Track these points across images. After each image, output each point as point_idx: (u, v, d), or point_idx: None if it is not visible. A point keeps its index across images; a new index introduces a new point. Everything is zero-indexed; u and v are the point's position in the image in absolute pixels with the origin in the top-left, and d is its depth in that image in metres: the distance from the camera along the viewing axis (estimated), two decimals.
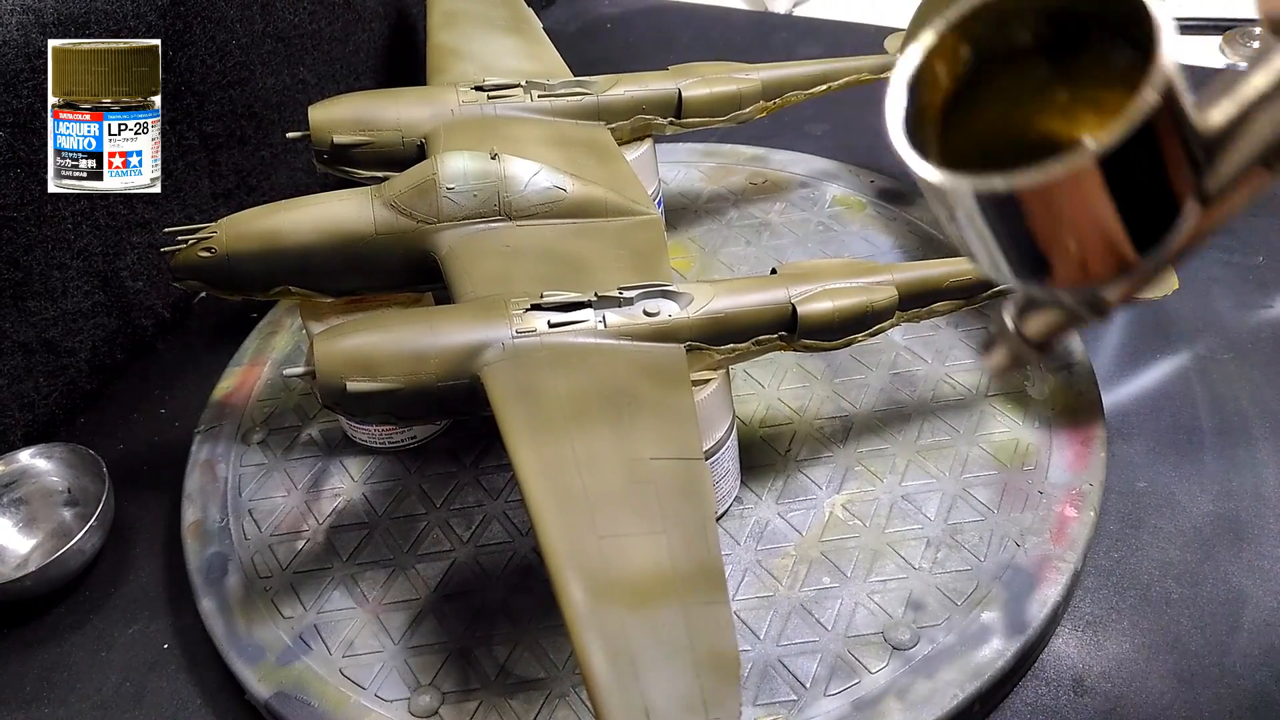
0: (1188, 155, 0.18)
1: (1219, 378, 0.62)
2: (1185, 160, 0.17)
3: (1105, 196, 0.17)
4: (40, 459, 0.62)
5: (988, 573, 0.50)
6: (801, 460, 0.57)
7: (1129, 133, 0.16)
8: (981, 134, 0.19)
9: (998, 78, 0.20)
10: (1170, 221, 0.18)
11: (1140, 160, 0.17)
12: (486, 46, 0.71)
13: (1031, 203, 0.17)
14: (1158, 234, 0.18)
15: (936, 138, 0.20)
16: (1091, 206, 0.17)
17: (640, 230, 0.55)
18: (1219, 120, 0.18)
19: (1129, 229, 0.18)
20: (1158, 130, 0.17)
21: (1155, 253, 0.18)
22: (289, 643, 0.51)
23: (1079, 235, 0.18)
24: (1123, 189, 0.17)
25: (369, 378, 0.45)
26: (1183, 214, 0.18)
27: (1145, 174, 0.17)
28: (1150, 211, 0.18)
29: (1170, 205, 0.18)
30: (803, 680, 0.47)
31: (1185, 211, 0.18)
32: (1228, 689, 0.47)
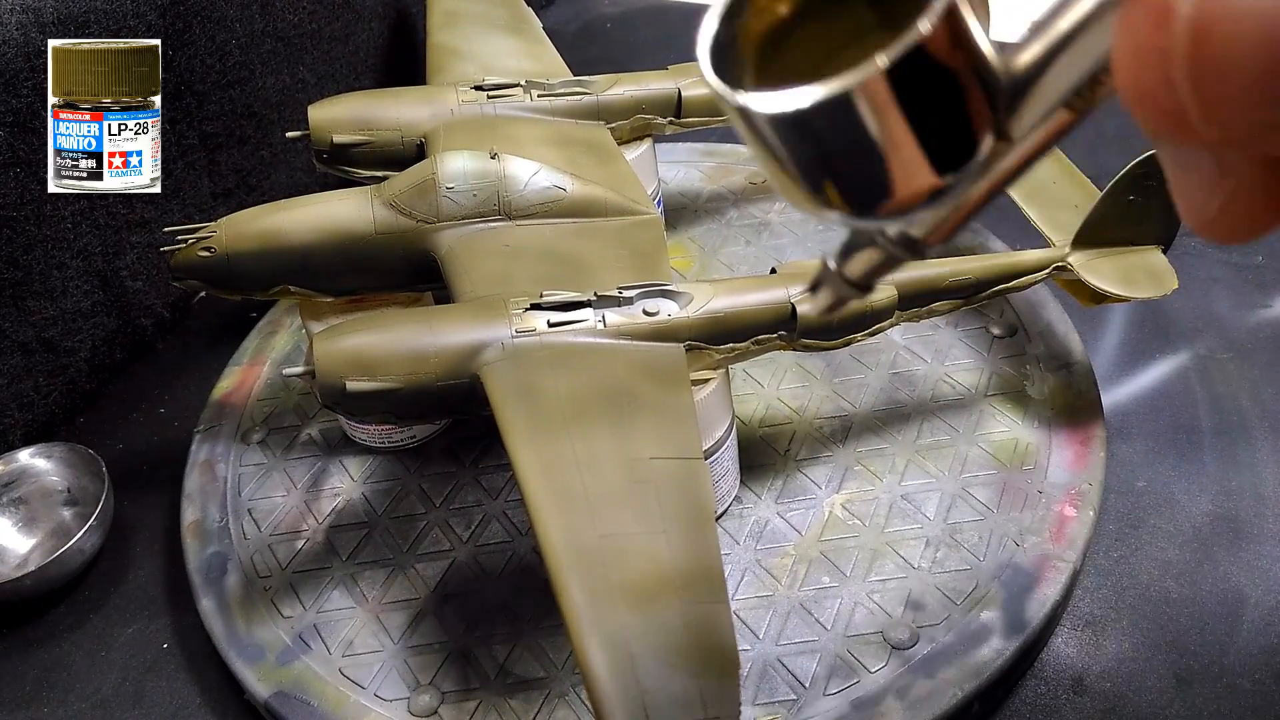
0: (983, 89, 0.18)
1: (1219, 377, 0.62)
2: (980, 93, 0.18)
3: (896, 114, 0.17)
4: (40, 458, 0.62)
5: (987, 572, 0.50)
6: (801, 460, 0.57)
7: (908, 49, 0.17)
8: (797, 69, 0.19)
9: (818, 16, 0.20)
10: (969, 150, 0.18)
11: (927, 84, 0.17)
12: (486, 46, 0.71)
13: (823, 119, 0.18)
14: (956, 161, 0.18)
15: (752, 67, 0.20)
16: (882, 123, 0.17)
17: (640, 230, 0.55)
18: (1025, 61, 0.18)
19: (924, 150, 0.18)
20: (937, 55, 0.17)
21: (957, 177, 0.19)
22: (288, 642, 0.51)
23: (875, 154, 0.18)
24: (913, 110, 0.17)
25: (368, 377, 0.45)
26: (980, 144, 0.18)
27: (934, 99, 0.18)
28: (946, 139, 0.18)
29: (966, 134, 0.18)
30: (802, 680, 0.47)
31: (982, 143, 0.18)
32: (1227, 688, 0.47)
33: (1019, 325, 0.63)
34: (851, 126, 0.18)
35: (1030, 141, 0.19)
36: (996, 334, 0.63)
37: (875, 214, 0.19)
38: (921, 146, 0.18)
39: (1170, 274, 0.56)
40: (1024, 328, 0.63)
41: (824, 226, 0.74)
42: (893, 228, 0.21)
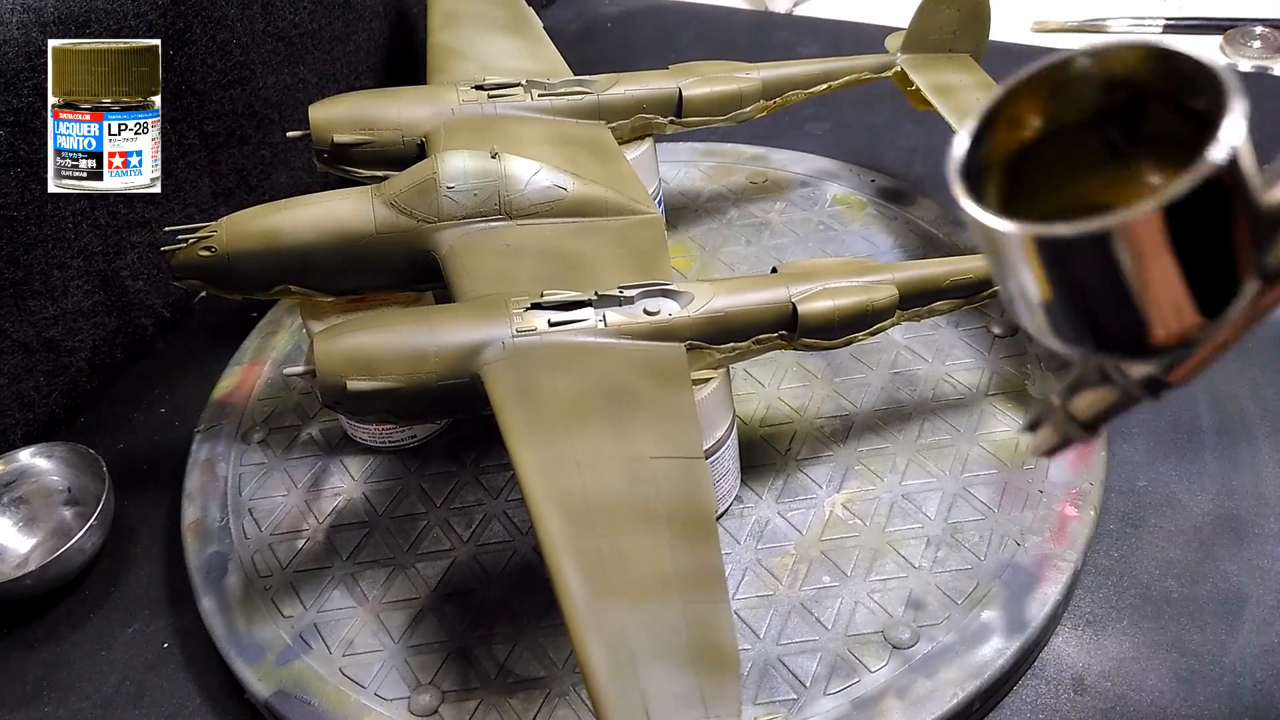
0: (1250, 225, 0.17)
1: (1219, 377, 0.62)
2: (1248, 229, 0.17)
3: (1167, 252, 0.16)
4: (40, 458, 0.62)
5: (988, 572, 0.50)
6: (802, 459, 0.57)
7: (1195, 186, 0.16)
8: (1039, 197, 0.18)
9: (1059, 145, 0.20)
10: (1232, 292, 0.17)
11: (1203, 220, 0.16)
12: (487, 46, 0.71)
13: (1091, 254, 0.17)
14: (1220, 303, 0.17)
15: (997, 192, 0.20)
16: (1152, 262, 0.17)
17: (640, 229, 0.55)
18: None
19: (1191, 291, 0.17)
20: (1222, 190, 0.16)
21: (1218, 322, 0.18)
22: (289, 642, 0.51)
23: (1139, 292, 0.17)
24: (1185, 248, 0.17)
25: (369, 377, 0.45)
26: (1243, 285, 0.18)
27: (1208, 236, 0.17)
28: (1212, 278, 0.17)
29: (1231, 274, 0.17)
30: (802, 679, 0.47)
31: (1246, 283, 0.18)
32: (1227, 688, 0.47)
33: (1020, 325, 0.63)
34: (1119, 261, 0.17)
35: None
36: (997, 333, 0.63)
37: (1125, 354, 0.19)
38: (1189, 288, 0.17)
39: None
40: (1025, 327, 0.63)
41: (823, 227, 0.74)
42: (1134, 369, 0.21)
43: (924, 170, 0.79)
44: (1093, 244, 0.17)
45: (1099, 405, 0.22)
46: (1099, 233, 0.16)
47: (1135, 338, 0.18)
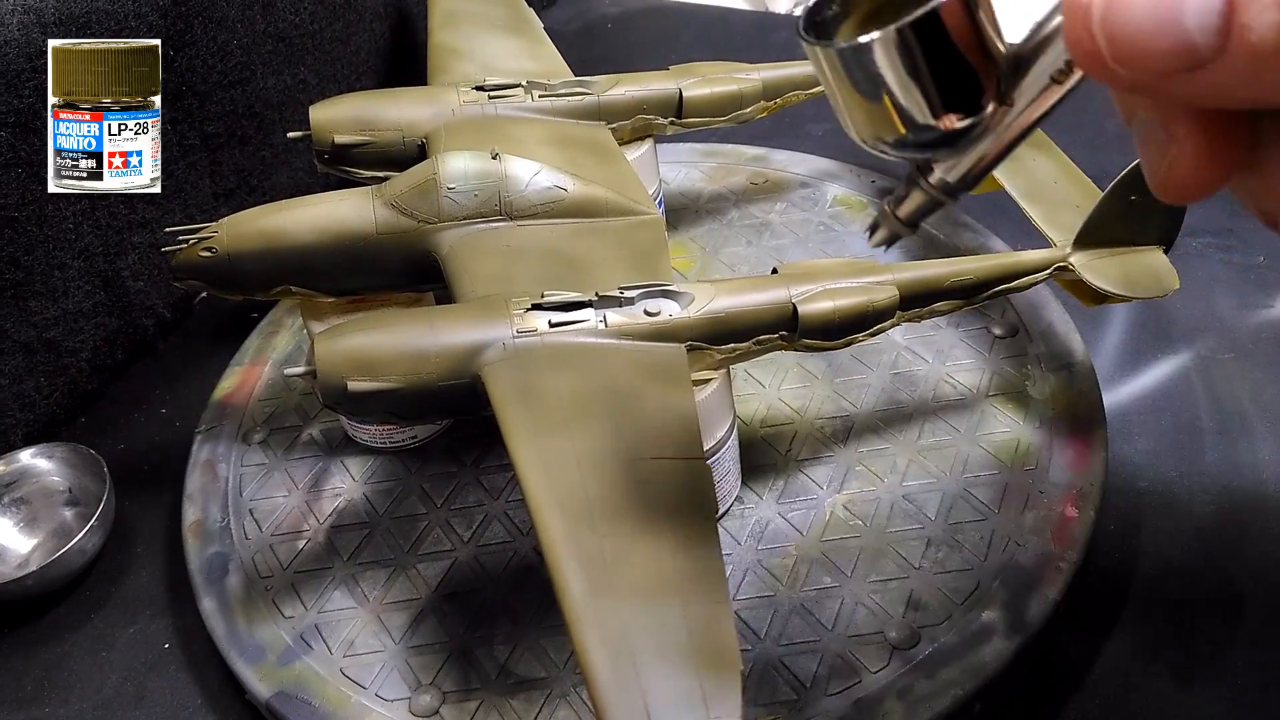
0: (985, 55, 0.24)
1: (1220, 378, 0.62)
2: (982, 58, 0.24)
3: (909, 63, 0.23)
4: (41, 459, 0.62)
5: (988, 572, 0.50)
6: (802, 460, 0.57)
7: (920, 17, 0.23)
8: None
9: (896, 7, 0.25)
10: (976, 100, 0.24)
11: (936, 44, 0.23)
12: (487, 46, 0.71)
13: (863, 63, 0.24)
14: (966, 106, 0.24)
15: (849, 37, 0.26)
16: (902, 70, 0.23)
17: (641, 230, 0.55)
18: (1020, 46, 0.24)
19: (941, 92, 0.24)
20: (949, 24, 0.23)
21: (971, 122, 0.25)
22: (290, 642, 0.51)
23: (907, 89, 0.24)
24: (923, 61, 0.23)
25: (370, 377, 0.45)
26: (984, 95, 0.24)
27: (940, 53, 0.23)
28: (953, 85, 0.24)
29: (974, 87, 0.24)
30: (803, 680, 0.47)
31: (987, 95, 0.24)
32: (1227, 689, 0.47)
33: (1020, 325, 0.63)
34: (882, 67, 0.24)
35: (1029, 107, 0.25)
36: (998, 334, 0.63)
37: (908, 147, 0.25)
38: (936, 90, 0.24)
39: (1171, 274, 0.56)
40: (1025, 328, 0.63)
41: (823, 227, 0.74)
42: (932, 176, 0.28)
43: None
44: (862, 53, 0.24)
45: (914, 206, 0.29)
46: (862, 44, 0.23)
47: (910, 129, 0.25)
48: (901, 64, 0.23)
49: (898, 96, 0.24)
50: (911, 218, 0.29)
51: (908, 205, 0.29)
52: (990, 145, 0.26)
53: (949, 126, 0.24)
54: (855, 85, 0.25)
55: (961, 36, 0.23)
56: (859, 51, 0.24)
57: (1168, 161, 0.22)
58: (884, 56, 0.23)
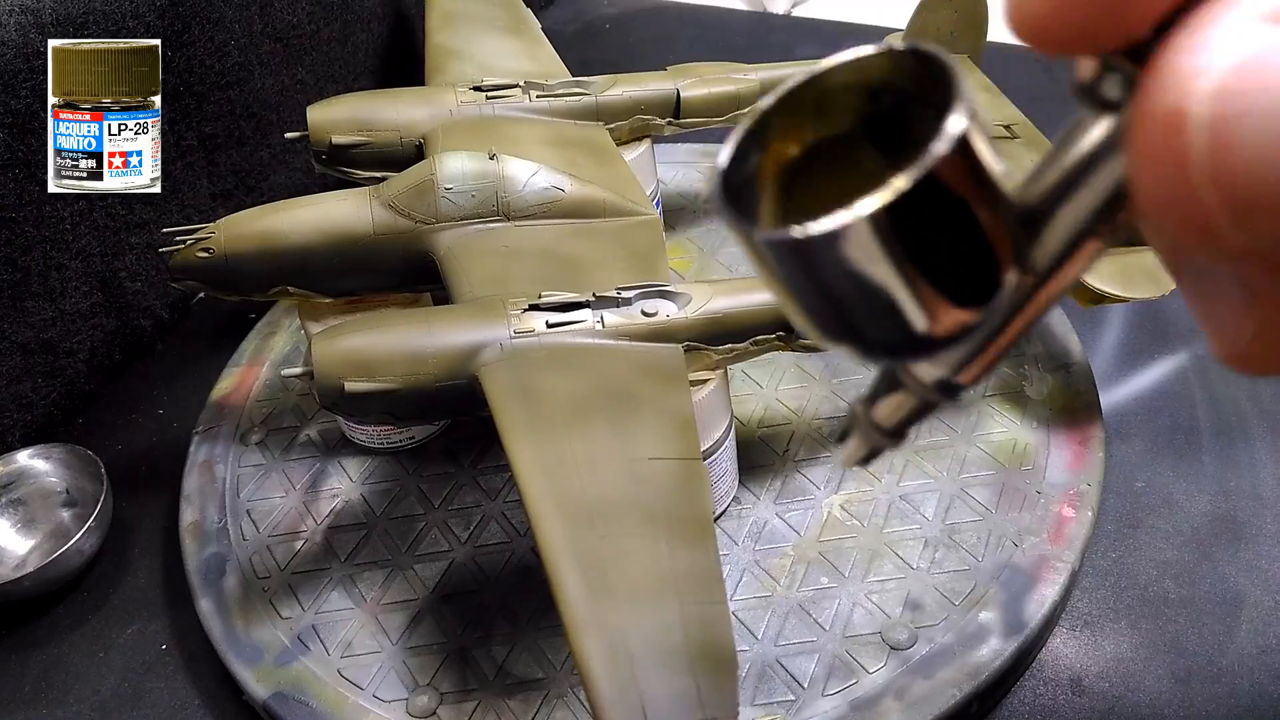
0: (997, 218, 0.17)
1: (1217, 378, 0.62)
2: (996, 222, 0.17)
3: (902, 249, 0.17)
4: (39, 459, 0.62)
5: (985, 573, 0.50)
6: (800, 460, 0.57)
7: (916, 180, 0.16)
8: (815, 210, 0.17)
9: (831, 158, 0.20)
10: (992, 284, 0.18)
11: (937, 215, 0.17)
12: (485, 47, 0.71)
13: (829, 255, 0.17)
14: (979, 296, 0.18)
15: (772, 207, 0.20)
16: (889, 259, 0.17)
17: (638, 231, 0.55)
18: (1040, 189, 0.18)
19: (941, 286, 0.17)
20: (951, 184, 0.16)
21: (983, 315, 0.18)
22: (287, 643, 0.51)
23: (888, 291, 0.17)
24: (922, 244, 0.17)
25: (367, 378, 0.45)
26: (1004, 278, 0.18)
27: (947, 230, 0.17)
28: (964, 272, 0.17)
29: (986, 267, 0.18)
30: (800, 680, 0.47)
31: (1007, 276, 0.18)
32: (1225, 688, 0.47)
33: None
34: (862, 262, 0.17)
35: (1059, 272, 0.18)
36: None
37: (898, 355, 0.19)
38: (937, 283, 0.17)
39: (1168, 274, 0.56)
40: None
41: None
42: (924, 372, 0.21)
43: None
44: (828, 244, 0.17)
45: (900, 411, 0.22)
46: (829, 231, 0.16)
47: (903, 338, 0.18)
48: (881, 255, 0.17)
49: (876, 298, 0.17)
50: (898, 425, 0.22)
51: (891, 409, 0.22)
52: (1009, 327, 0.19)
53: (959, 324, 0.18)
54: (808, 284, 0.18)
55: (970, 195, 0.17)
56: (822, 242, 0.16)
57: (1251, 328, 0.16)
58: (855, 248, 0.16)
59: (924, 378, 0.21)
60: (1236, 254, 0.14)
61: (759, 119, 0.19)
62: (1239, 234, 0.14)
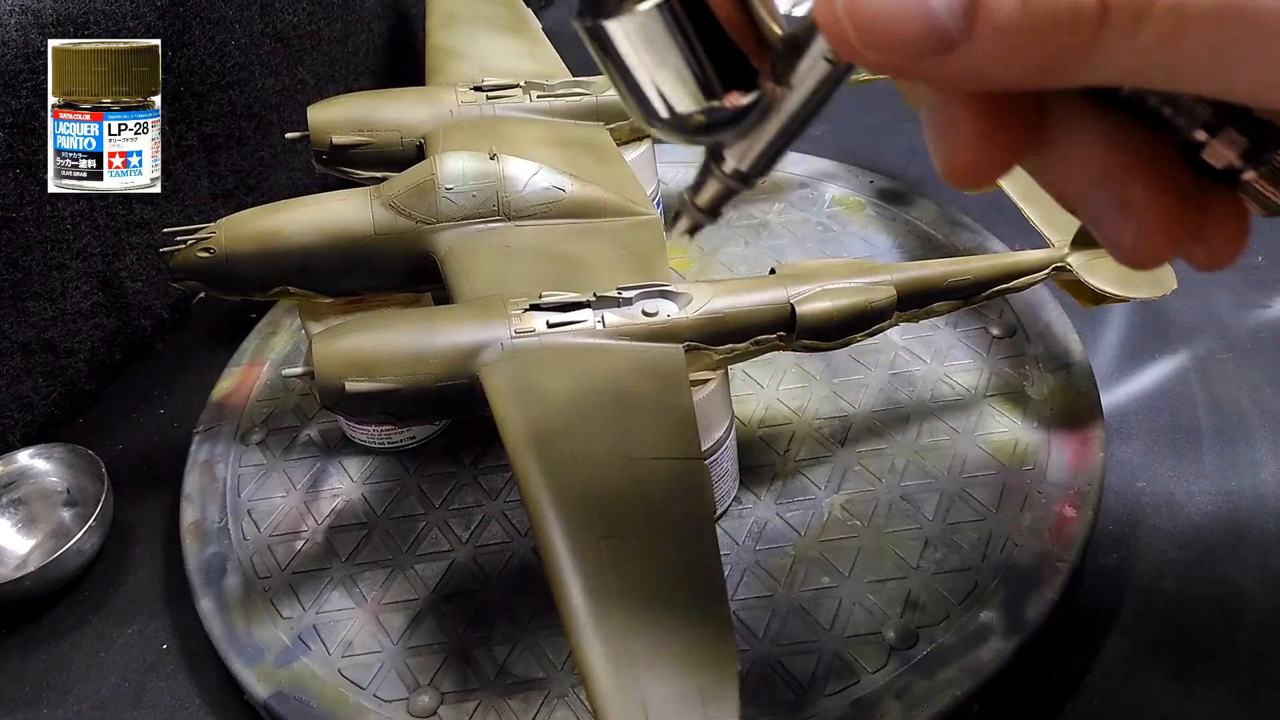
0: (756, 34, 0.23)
1: (1218, 378, 0.62)
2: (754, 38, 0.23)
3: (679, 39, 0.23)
4: (39, 459, 0.62)
5: (986, 573, 0.50)
6: (800, 460, 0.57)
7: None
8: None
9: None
10: (748, 77, 0.23)
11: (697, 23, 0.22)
12: (485, 47, 0.71)
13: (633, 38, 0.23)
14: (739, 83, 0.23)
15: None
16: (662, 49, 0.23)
17: (639, 231, 0.55)
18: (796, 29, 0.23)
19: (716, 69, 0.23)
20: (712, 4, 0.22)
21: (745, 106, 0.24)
22: (288, 643, 0.51)
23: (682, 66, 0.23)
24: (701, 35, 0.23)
25: (368, 378, 0.45)
26: (760, 80, 0.23)
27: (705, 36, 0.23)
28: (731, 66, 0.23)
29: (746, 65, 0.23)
30: (801, 680, 0.47)
31: (762, 75, 0.23)
32: (1227, 689, 0.47)
33: (1018, 326, 0.63)
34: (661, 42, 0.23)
35: (806, 86, 0.24)
36: (996, 334, 0.63)
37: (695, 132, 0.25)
38: (712, 65, 0.23)
39: (1169, 274, 0.56)
40: (1023, 328, 0.63)
41: (821, 228, 0.74)
42: (725, 165, 0.27)
43: (922, 171, 0.79)
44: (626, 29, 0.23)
45: (712, 194, 0.28)
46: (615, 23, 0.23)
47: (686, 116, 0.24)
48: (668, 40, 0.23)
49: (667, 75, 0.23)
50: (711, 205, 0.29)
51: (705, 193, 0.29)
52: (774, 128, 0.25)
53: (728, 105, 0.24)
54: (625, 64, 0.24)
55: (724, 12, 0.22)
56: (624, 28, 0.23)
57: (949, 146, 0.21)
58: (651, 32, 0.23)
59: (725, 168, 0.27)
60: (877, 69, 0.19)
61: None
62: (871, 53, 0.19)
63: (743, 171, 0.27)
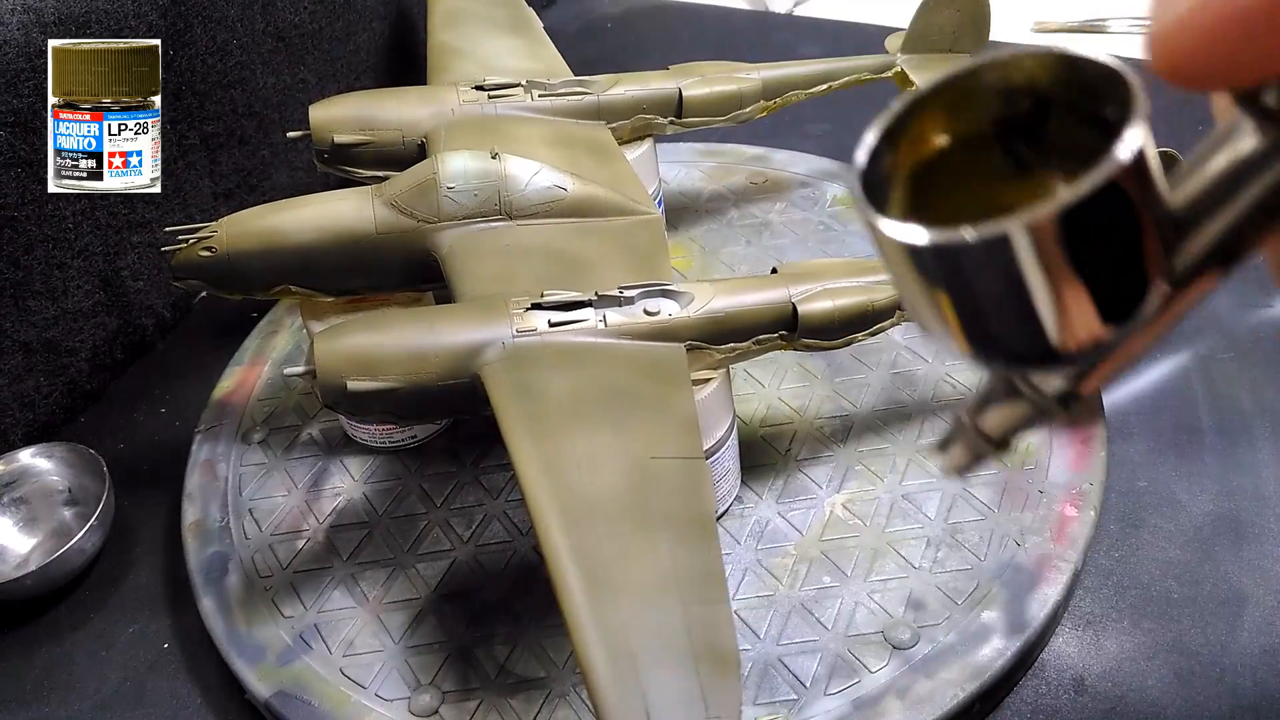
0: (1156, 228, 0.17)
1: (1219, 377, 0.62)
2: (1154, 233, 0.17)
3: (1067, 258, 0.16)
4: (41, 458, 0.62)
5: (988, 572, 0.50)
6: (802, 460, 0.57)
7: (1096, 187, 0.16)
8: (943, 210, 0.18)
9: (964, 158, 0.19)
10: (1140, 297, 0.17)
11: (1106, 223, 0.16)
12: (487, 46, 0.71)
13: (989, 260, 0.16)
14: (1126, 309, 0.17)
15: (901, 205, 0.19)
16: (1052, 268, 0.16)
17: (641, 230, 0.55)
18: (1184, 198, 0.18)
19: (1094, 298, 0.17)
20: (1125, 192, 0.16)
21: (1125, 329, 0.17)
22: (289, 642, 0.51)
23: (1040, 301, 0.17)
24: (1086, 253, 0.16)
25: (369, 377, 0.45)
26: (1151, 290, 0.17)
27: (1111, 240, 0.16)
28: (1116, 283, 0.17)
29: (1137, 279, 0.17)
30: (803, 679, 0.47)
31: (1154, 289, 0.17)
32: (1227, 688, 0.47)
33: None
34: (1017, 268, 0.16)
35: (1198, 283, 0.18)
36: None
37: (1031, 365, 0.18)
38: (1092, 295, 0.17)
39: None
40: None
41: (823, 227, 0.74)
42: (1044, 382, 0.20)
43: None
44: (991, 249, 0.16)
45: (1010, 421, 0.22)
46: (996, 236, 0.16)
47: (1040, 348, 0.17)
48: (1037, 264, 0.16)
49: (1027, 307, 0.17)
50: (1005, 434, 0.22)
51: (1001, 418, 0.21)
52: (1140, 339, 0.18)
53: (1101, 338, 0.17)
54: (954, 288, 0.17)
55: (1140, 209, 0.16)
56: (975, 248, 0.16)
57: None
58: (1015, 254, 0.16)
59: (1044, 387, 0.20)
60: None
61: (896, 116, 0.19)
62: None
63: (1075, 394, 0.20)
